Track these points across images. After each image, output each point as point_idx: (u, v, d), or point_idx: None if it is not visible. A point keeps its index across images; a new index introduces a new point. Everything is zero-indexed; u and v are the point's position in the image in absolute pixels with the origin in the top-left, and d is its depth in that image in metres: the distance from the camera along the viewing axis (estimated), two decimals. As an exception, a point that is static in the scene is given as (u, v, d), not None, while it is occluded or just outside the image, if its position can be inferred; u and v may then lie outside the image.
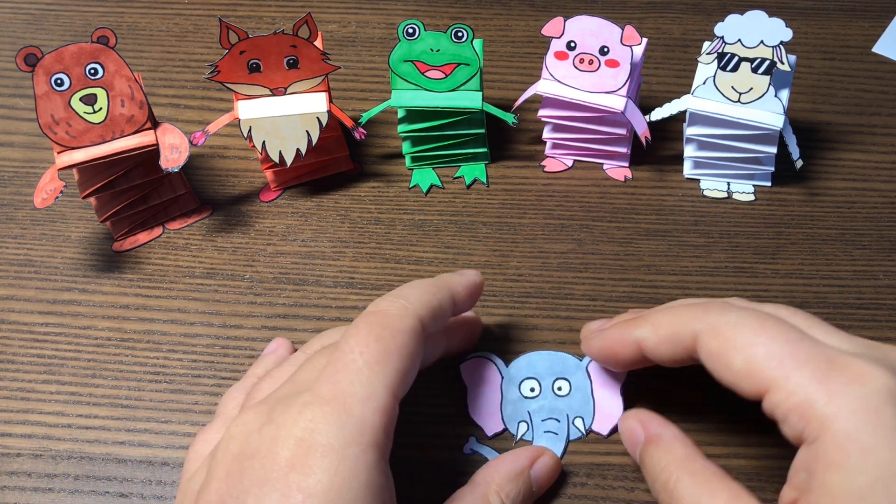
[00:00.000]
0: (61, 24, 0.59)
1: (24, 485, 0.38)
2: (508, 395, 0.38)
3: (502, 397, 0.38)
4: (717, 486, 0.30)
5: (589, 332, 0.38)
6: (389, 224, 0.47)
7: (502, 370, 0.39)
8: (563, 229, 0.46)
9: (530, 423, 0.38)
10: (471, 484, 0.34)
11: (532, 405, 0.38)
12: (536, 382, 0.39)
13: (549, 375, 0.39)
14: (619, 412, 0.38)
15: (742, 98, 0.44)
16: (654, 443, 0.33)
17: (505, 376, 0.39)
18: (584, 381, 0.39)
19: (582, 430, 0.38)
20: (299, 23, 0.42)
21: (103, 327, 0.43)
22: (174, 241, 0.47)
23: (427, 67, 0.45)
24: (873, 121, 0.51)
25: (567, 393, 0.38)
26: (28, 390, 0.41)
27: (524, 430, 0.38)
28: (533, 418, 0.38)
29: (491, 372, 0.39)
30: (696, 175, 0.48)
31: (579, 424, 0.38)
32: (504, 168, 0.49)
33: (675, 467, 0.31)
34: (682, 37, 0.57)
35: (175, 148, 0.43)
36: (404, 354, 0.30)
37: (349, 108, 0.51)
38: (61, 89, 0.41)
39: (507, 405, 0.38)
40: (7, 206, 0.48)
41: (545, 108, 0.47)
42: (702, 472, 0.31)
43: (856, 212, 0.47)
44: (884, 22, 0.57)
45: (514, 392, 0.38)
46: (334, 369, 0.30)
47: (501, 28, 0.58)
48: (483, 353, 0.39)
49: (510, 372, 0.39)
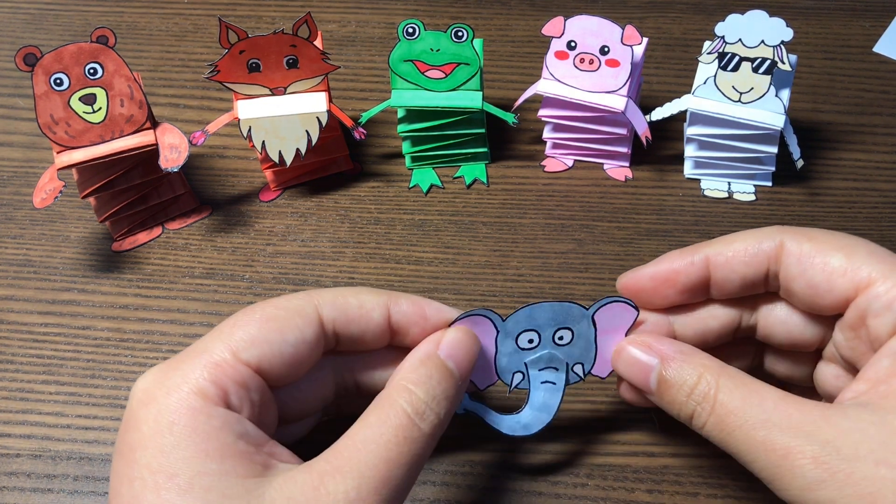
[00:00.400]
0: (61, 23, 0.59)
1: (23, 485, 0.38)
2: (503, 347, 0.35)
3: (497, 350, 0.35)
4: (759, 387, 0.29)
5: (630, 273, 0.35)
6: (389, 224, 0.47)
7: (498, 325, 0.34)
8: (563, 229, 0.46)
9: (526, 373, 0.35)
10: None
11: (529, 356, 0.35)
12: (536, 334, 0.34)
13: (551, 326, 0.34)
14: None
15: (743, 98, 0.44)
16: (676, 359, 0.31)
17: (501, 330, 0.34)
18: (587, 329, 0.34)
19: (580, 375, 0.35)
20: (299, 22, 0.42)
21: (103, 327, 0.43)
22: (174, 241, 0.47)
23: (427, 67, 0.45)
24: (874, 120, 0.51)
25: (569, 342, 0.35)
26: (27, 391, 0.41)
27: (519, 379, 0.35)
28: (529, 369, 0.35)
29: (485, 327, 0.34)
30: (697, 175, 0.48)
31: (578, 370, 0.35)
32: (504, 168, 0.49)
33: (713, 375, 0.29)
34: (683, 36, 0.57)
35: (174, 148, 0.43)
36: (271, 326, 0.30)
37: (349, 108, 0.51)
38: (60, 89, 0.41)
39: (502, 357, 0.35)
40: (6, 206, 0.48)
41: (545, 107, 0.47)
42: (741, 377, 0.29)
43: (857, 212, 0.47)
44: (885, 21, 0.57)
45: (510, 345, 0.35)
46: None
47: (501, 28, 0.58)
48: (478, 311, 0.34)
49: (507, 326, 0.34)
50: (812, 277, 0.30)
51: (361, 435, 0.28)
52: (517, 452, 0.38)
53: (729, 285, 0.33)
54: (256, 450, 0.28)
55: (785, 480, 0.27)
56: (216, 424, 0.27)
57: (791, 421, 0.27)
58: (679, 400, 0.30)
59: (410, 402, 0.29)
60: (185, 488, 0.26)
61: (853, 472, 0.26)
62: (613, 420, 0.39)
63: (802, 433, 0.27)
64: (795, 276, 0.31)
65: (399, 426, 0.28)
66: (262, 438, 0.29)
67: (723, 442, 0.29)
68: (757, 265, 0.32)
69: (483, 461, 0.38)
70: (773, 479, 0.27)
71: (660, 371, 0.31)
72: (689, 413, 0.30)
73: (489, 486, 0.37)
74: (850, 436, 0.26)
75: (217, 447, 0.27)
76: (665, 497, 0.37)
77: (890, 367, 0.28)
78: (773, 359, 0.36)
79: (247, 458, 0.27)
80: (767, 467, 0.27)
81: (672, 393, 0.31)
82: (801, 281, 0.31)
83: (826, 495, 0.26)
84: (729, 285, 0.33)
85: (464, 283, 0.44)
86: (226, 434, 0.27)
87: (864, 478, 0.26)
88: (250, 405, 0.29)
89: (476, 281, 0.44)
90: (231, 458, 0.27)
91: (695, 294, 0.33)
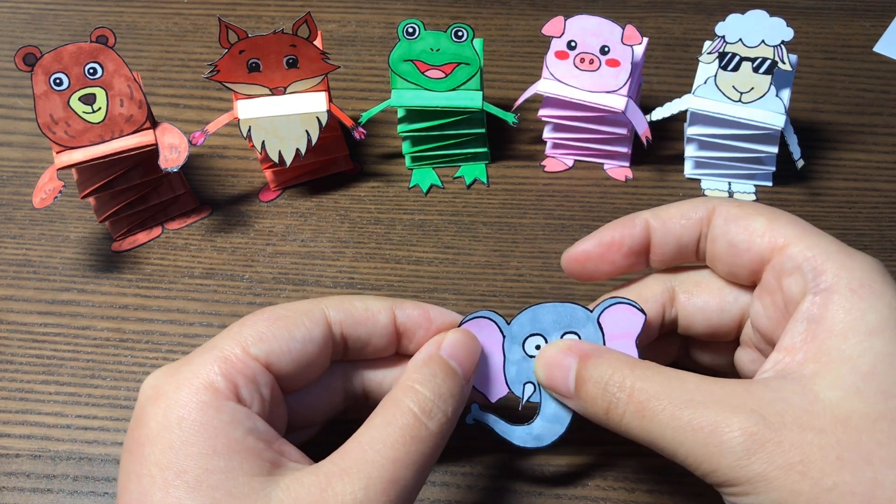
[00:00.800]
0: (60, 23, 0.59)
1: (22, 485, 0.38)
2: (511, 355, 0.34)
3: (505, 358, 0.34)
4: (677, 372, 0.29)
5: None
6: (389, 224, 0.47)
7: (503, 329, 0.34)
8: (563, 229, 0.46)
9: (536, 384, 0.34)
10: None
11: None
12: (542, 339, 0.34)
13: (557, 329, 0.34)
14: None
15: (743, 98, 0.43)
16: (592, 356, 0.31)
17: (507, 335, 0.34)
18: (595, 333, 0.34)
19: None
20: (299, 22, 0.42)
21: (102, 328, 0.43)
22: (173, 241, 0.47)
23: (427, 67, 0.45)
24: (874, 120, 0.51)
25: None
26: (27, 391, 0.41)
27: (531, 391, 0.34)
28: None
29: (491, 332, 0.34)
30: (697, 175, 0.48)
31: None
32: (504, 168, 0.49)
33: (628, 367, 0.29)
34: (683, 36, 0.57)
35: (174, 148, 0.43)
36: (280, 325, 0.30)
37: (349, 108, 0.51)
38: (60, 89, 0.41)
39: (511, 366, 0.34)
40: (6, 206, 0.48)
41: (545, 107, 0.47)
42: (656, 366, 0.30)
43: (857, 212, 0.47)
44: (885, 21, 0.57)
45: (518, 352, 0.34)
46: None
47: (502, 27, 0.58)
48: (482, 313, 0.34)
49: (512, 329, 0.34)
50: (734, 237, 0.32)
51: (368, 436, 0.28)
52: (517, 453, 0.38)
53: (666, 248, 0.34)
54: (266, 447, 0.28)
55: (714, 460, 0.27)
56: (225, 419, 0.27)
57: (715, 397, 0.27)
58: (594, 394, 0.30)
59: (417, 402, 0.29)
60: (194, 486, 0.26)
61: (781, 440, 0.26)
62: (614, 420, 0.39)
63: (728, 407, 0.27)
64: (718, 237, 0.32)
65: (406, 426, 0.28)
66: (272, 436, 0.29)
67: (644, 430, 0.28)
68: (691, 227, 0.33)
69: (483, 462, 0.38)
70: (702, 461, 0.27)
71: (577, 369, 0.31)
72: (605, 406, 0.30)
73: (489, 486, 0.37)
74: (774, 405, 0.26)
75: (225, 443, 0.27)
76: (665, 497, 0.37)
77: (805, 332, 0.28)
78: (696, 352, 0.37)
79: (255, 454, 0.27)
80: (695, 448, 0.27)
81: (587, 388, 0.30)
82: (723, 241, 0.32)
83: (756, 469, 0.26)
84: (666, 248, 0.34)
85: (464, 283, 0.44)
86: (235, 429, 0.27)
87: (793, 445, 0.26)
88: (260, 400, 0.29)
89: (476, 281, 0.44)
90: (239, 455, 0.27)
91: (638, 258, 0.35)
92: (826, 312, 0.28)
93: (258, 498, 0.26)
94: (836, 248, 0.29)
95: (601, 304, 0.34)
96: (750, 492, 0.26)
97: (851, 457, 0.25)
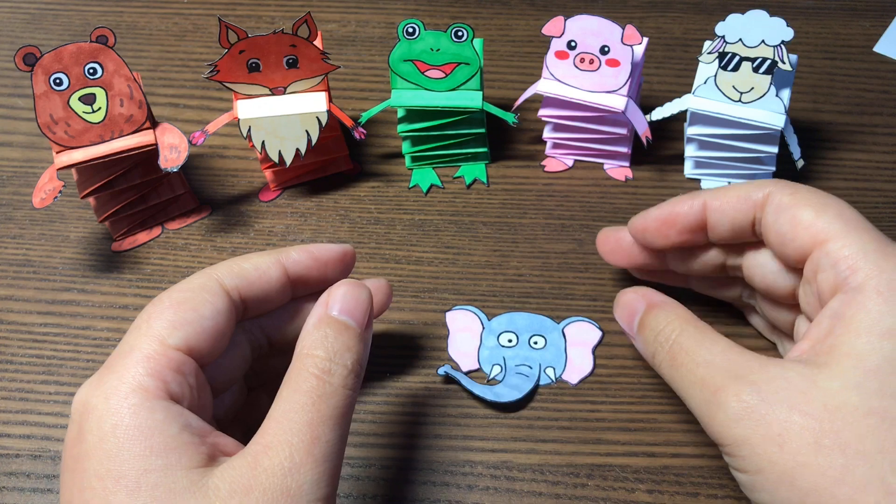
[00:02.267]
0: (60, 23, 0.59)
1: (22, 486, 0.38)
2: (487, 342, 0.41)
3: (481, 343, 0.41)
4: (716, 337, 0.32)
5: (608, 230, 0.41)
6: (389, 224, 0.47)
7: (484, 322, 0.42)
8: (563, 229, 0.46)
9: (504, 366, 0.40)
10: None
11: (508, 352, 0.41)
12: (514, 336, 0.41)
13: (527, 331, 0.41)
14: (590, 368, 0.40)
15: (743, 98, 0.43)
16: (658, 306, 0.35)
17: (486, 327, 0.42)
18: (559, 339, 0.41)
19: (552, 379, 0.40)
20: (299, 22, 0.42)
21: (102, 328, 0.43)
22: (173, 241, 0.47)
23: (427, 67, 0.45)
24: (875, 120, 0.51)
25: (542, 347, 0.41)
26: (27, 391, 0.41)
27: (497, 371, 0.40)
28: (507, 363, 0.40)
29: (473, 321, 0.42)
30: (698, 175, 0.48)
31: (550, 373, 0.40)
32: (504, 168, 0.49)
33: (680, 322, 0.33)
34: (683, 36, 0.57)
35: (174, 147, 0.43)
36: (185, 308, 0.30)
37: (349, 108, 0.51)
38: (60, 89, 0.41)
39: (485, 349, 0.41)
40: (6, 206, 0.48)
41: (545, 107, 0.47)
42: (703, 327, 0.33)
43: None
44: (885, 21, 0.57)
45: (493, 340, 0.41)
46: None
47: (502, 27, 0.58)
48: (468, 307, 0.42)
49: (491, 325, 0.42)
50: (781, 227, 0.33)
51: (280, 409, 0.29)
52: (517, 452, 0.38)
53: (721, 228, 0.36)
54: (201, 440, 0.28)
55: (712, 415, 0.30)
56: (159, 417, 0.28)
57: (731, 364, 0.31)
58: (648, 339, 0.34)
59: (315, 365, 0.30)
60: (133, 488, 0.26)
61: (767, 413, 0.29)
62: (613, 420, 0.39)
63: (736, 375, 0.30)
64: (769, 224, 0.34)
65: (310, 389, 0.29)
66: (206, 429, 0.29)
67: (671, 378, 0.33)
68: (745, 211, 0.35)
69: (483, 461, 0.38)
70: (702, 416, 0.31)
71: (641, 315, 0.35)
72: (653, 352, 0.34)
73: (489, 486, 0.37)
74: (774, 382, 0.29)
75: (161, 441, 0.27)
76: (665, 497, 0.37)
77: (828, 328, 0.30)
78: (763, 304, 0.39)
79: (192, 448, 0.28)
80: (700, 403, 0.31)
81: (645, 334, 0.35)
82: (773, 229, 0.34)
83: (741, 432, 0.29)
84: (721, 228, 0.36)
85: (464, 283, 0.44)
86: (169, 426, 0.28)
87: (776, 421, 0.28)
88: (189, 391, 0.30)
89: (476, 281, 0.44)
90: (176, 451, 0.27)
91: (693, 235, 0.37)
92: (848, 310, 0.30)
93: (197, 489, 0.27)
94: (873, 247, 0.30)
95: (567, 319, 0.42)
96: (736, 453, 0.29)
97: (827, 443, 0.27)
